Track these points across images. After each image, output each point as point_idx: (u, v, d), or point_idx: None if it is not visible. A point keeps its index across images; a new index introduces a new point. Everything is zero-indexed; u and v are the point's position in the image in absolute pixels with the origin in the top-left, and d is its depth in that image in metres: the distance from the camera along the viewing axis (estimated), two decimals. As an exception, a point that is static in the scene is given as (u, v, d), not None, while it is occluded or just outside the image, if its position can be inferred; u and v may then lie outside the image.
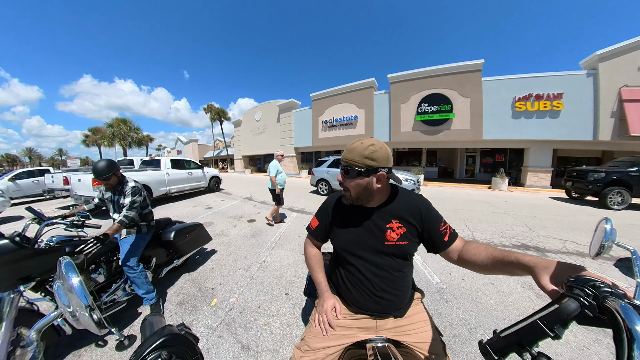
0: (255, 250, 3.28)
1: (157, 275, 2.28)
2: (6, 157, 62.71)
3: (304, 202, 6.85)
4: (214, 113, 28.59)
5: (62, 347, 1.62)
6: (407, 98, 12.59)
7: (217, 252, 3.26)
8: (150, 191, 6.99)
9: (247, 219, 5.06)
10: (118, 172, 1.99)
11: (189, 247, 2.61)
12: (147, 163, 8.48)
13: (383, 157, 0.78)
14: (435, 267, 2.70)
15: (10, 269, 1.32)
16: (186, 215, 5.65)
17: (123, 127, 29.66)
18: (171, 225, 2.66)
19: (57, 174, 7.52)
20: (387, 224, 0.85)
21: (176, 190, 8.04)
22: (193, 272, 2.73)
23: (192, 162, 9.22)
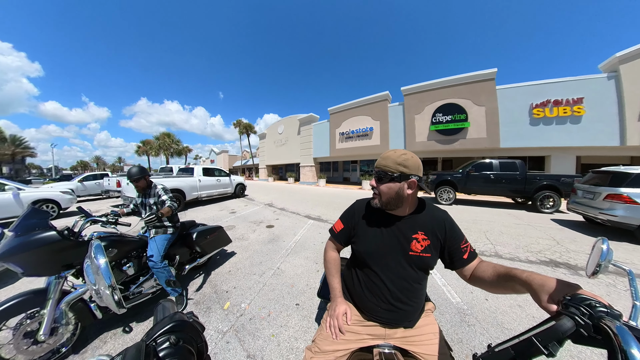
0: (271, 256, 3.17)
1: (180, 272, 2.31)
2: (80, 163, 76.45)
3: (321, 209, 6.66)
4: (242, 127, 30.03)
5: (92, 332, 1.70)
6: (421, 109, 12.14)
7: (235, 255, 3.21)
8: (184, 195, 7.27)
9: (266, 224, 5.00)
10: (147, 176, 2.13)
11: (210, 248, 2.64)
12: (183, 170, 8.93)
13: (414, 165, 0.79)
14: (455, 285, 2.34)
15: (56, 256, 1.45)
16: (212, 218, 5.75)
17: (167, 139, 32.58)
18: (195, 227, 2.72)
19: (113, 178, 8.28)
20: (413, 234, 0.82)
21: (206, 195, 8.32)
22: (212, 273, 2.69)
23: (221, 171, 9.52)
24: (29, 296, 1.41)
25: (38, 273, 1.40)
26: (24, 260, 1.34)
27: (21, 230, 1.38)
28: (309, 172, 18.96)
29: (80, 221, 1.75)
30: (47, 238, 1.42)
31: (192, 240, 2.43)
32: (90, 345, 1.59)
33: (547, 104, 9.38)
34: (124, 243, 1.91)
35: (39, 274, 1.40)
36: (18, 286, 2.52)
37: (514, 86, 10.05)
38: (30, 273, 1.37)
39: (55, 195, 6.28)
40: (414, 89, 12.29)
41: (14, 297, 1.38)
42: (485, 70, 10.38)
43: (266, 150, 25.58)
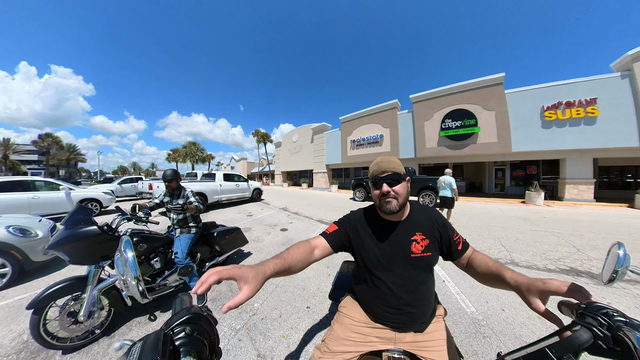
0: (284, 257, 3.14)
1: (201, 268, 2.39)
2: (120, 168, 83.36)
3: (333, 214, 6.56)
4: (260, 136, 30.84)
5: (121, 318, 1.80)
6: (430, 115, 11.78)
7: (251, 256, 3.22)
8: (206, 198, 7.55)
9: (280, 227, 5.00)
10: (179, 179, 2.29)
11: (228, 247, 2.71)
12: (206, 176, 9.33)
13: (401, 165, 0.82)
14: (470, 293, 2.15)
15: (96, 248, 1.58)
16: (230, 220, 5.86)
17: (193, 148, 34.46)
18: (215, 228, 2.81)
19: (146, 181, 8.86)
20: (411, 236, 0.81)
21: (226, 199, 8.57)
22: None
23: (240, 176, 9.81)
24: (74, 281, 1.54)
25: (81, 262, 1.53)
26: (70, 250, 1.48)
27: (69, 224, 1.53)
28: (322, 178, 18.94)
29: (117, 218, 1.89)
30: (89, 232, 1.55)
31: (212, 239, 2.52)
32: (119, 330, 1.69)
33: (558, 106, 8.72)
34: (153, 239, 2.04)
35: (81, 262, 1.53)
36: (64, 272, 2.76)
37: (523, 90, 9.47)
38: (75, 261, 1.50)
39: (98, 195, 6.92)
40: (422, 97, 12.00)
41: (63, 280, 1.52)
42: (493, 75, 9.90)
43: (281, 157, 25.98)
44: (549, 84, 8.96)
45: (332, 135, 18.18)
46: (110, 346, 1.53)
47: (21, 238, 2.55)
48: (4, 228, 2.50)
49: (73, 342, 1.49)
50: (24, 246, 2.53)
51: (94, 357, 1.45)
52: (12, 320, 1.85)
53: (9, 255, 2.42)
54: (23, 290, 2.38)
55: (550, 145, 9.02)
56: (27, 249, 2.54)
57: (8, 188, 5.21)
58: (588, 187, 8.78)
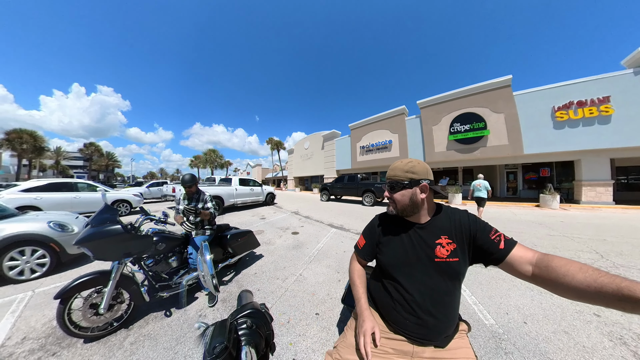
0: (294, 262, 3.05)
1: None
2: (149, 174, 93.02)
3: (344, 219, 6.39)
4: (274, 144, 31.40)
5: (139, 313, 1.83)
6: (438, 120, 11.38)
7: (262, 258, 3.17)
8: (223, 201, 7.72)
9: (292, 231, 4.93)
10: (197, 183, 2.34)
11: (240, 250, 2.68)
12: (223, 180, 9.54)
13: (422, 170, 0.76)
14: (488, 304, 1.93)
15: (119, 245, 1.62)
16: (244, 222, 5.88)
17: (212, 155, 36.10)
18: (229, 230, 2.81)
19: (170, 185, 9.28)
20: (436, 239, 0.73)
21: (241, 202, 8.72)
22: (239, 273, 2.68)
23: (255, 181, 9.96)
24: (98, 275, 1.59)
25: (104, 258, 1.57)
26: (94, 246, 1.51)
27: (95, 223, 1.57)
28: None
29: (141, 218, 1.94)
30: (113, 230, 1.59)
31: (225, 241, 2.52)
32: (136, 323, 1.71)
33: (570, 105, 8.09)
34: (171, 239, 2.08)
35: (104, 258, 1.57)
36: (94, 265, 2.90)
37: (532, 91, 8.91)
38: (99, 257, 1.54)
39: (129, 197, 7.44)
40: (430, 102, 11.66)
41: (88, 274, 1.58)
42: (500, 78, 9.43)
43: (294, 163, 26.18)
44: (559, 84, 8.39)
45: (342, 141, 18.10)
46: (126, 338, 1.57)
47: (60, 232, 2.75)
48: (46, 223, 2.73)
49: (93, 332, 1.54)
50: (62, 240, 2.73)
51: (110, 348, 1.48)
52: (45, 306, 1.96)
53: (48, 247, 2.63)
54: (59, 279, 2.53)
55: (564, 146, 8.37)
56: (64, 242, 2.74)
57: (56, 188, 5.79)
58: (606, 188, 8.01)
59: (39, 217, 2.94)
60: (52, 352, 1.44)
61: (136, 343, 1.52)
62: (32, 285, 2.36)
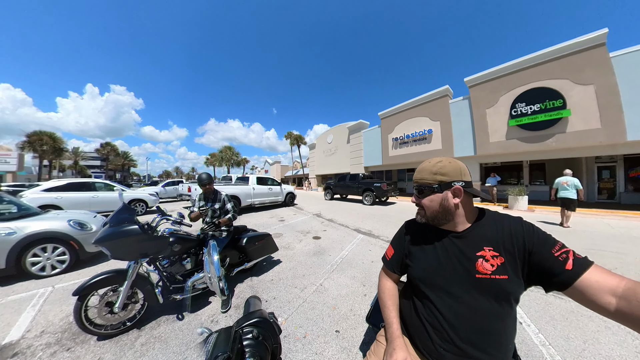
0: (315, 270, 3.05)
1: (229, 273, 2.53)
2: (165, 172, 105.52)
3: (372, 223, 6.20)
4: (293, 139, 32.23)
5: (152, 314, 2.00)
6: (493, 101, 10.14)
7: (280, 264, 3.24)
8: (239, 201, 8.20)
9: (313, 235, 4.97)
10: (213, 182, 2.52)
11: (257, 254, 2.80)
12: (240, 179, 10.12)
13: (454, 170, 0.72)
14: (563, 349, 1.54)
15: (135, 246, 1.80)
16: (262, 224, 6.11)
17: (228, 152, 38.68)
18: (246, 232, 2.95)
19: (185, 184, 10.22)
20: (477, 251, 0.68)
21: (258, 202, 9.13)
22: (255, 279, 2.78)
23: (273, 180, 10.37)
24: (114, 274, 1.78)
25: (121, 257, 1.75)
26: (112, 246, 1.70)
27: (113, 222, 1.76)
28: None
29: (158, 218, 2.13)
30: (131, 230, 1.76)
31: (242, 244, 2.65)
32: (148, 325, 1.89)
33: None
34: (186, 240, 2.25)
35: (121, 258, 1.75)
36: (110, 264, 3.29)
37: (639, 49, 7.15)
38: (116, 257, 1.73)
39: (145, 196, 8.41)
40: (482, 78, 10.41)
41: (105, 272, 1.78)
42: (590, 35, 7.63)
43: (316, 160, 26.46)
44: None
45: (371, 133, 17.64)
46: (137, 339, 1.73)
47: (79, 231, 3.21)
48: (66, 221, 3.20)
49: (107, 330, 1.74)
50: (81, 238, 3.18)
51: (122, 347, 1.64)
52: (63, 302, 2.28)
53: (68, 245, 3.08)
54: (77, 276, 2.95)
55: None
56: (82, 241, 3.19)
57: (75, 188, 6.85)
58: None
59: (59, 215, 3.46)
60: (67, 347, 1.65)
61: (147, 344, 1.67)
62: (52, 281, 2.78)
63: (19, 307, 2.17)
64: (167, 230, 2.21)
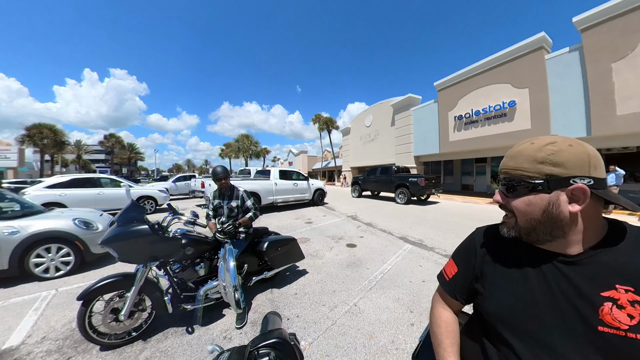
0: (348, 285, 3.05)
1: (246, 282, 2.67)
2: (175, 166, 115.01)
3: (425, 230, 5.93)
4: (322, 123, 32.51)
5: (159, 325, 2.17)
6: (627, 48, 8.10)
7: (305, 275, 3.34)
8: (259, 199, 8.62)
9: (347, 242, 4.99)
10: (230, 176, 2.65)
11: (279, 262, 2.91)
12: (260, 173, 10.67)
13: (575, 159, 0.57)
14: None
15: (145, 248, 1.97)
16: (286, 227, 6.34)
17: (245, 141, 40.58)
18: (267, 236, 3.09)
19: (199, 179, 11.07)
20: (604, 289, 0.56)
21: (281, 200, 9.51)
22: (276, 291, 2.89)
23: (299, 174, 10.70)
24: (121, 278, 1.98)
25: (129, 260, 1.93)
26: (119, 247, 1.89)
27: (121, 222, 1.96)
28: None
29: (169, 217, 2.32)
30: (140, 231, 1.94)
31: (262, 249, 2.77)
32: (155, 336, 2.05)
33: None
34: (201, 243, 2.43)
35: (130, 260, 1.95)
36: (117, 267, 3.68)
37: None
38: (123, 259, 1.92)
39: (154, 193, 9.39)
40: (602, 14, 8.43)
41: (111, 276, 1.98)
42: None
43: (351, 148, 26.28)
44: None
45: (424, 112, 16.70)
46: (142, 352, 1.88)
47: (84, 230, 3.68)
48: (71, 220, 3.68)
49: (111, 339, 1.95)
50: (86, 238, 3.64)
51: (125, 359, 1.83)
52: (67, 307, 2.63)
53: (73, 245, 3.54)
54: (82, 279, 3.38)
55: None
56: (88, 241, 3.64)
57: (79, 184, 7.88)
58: None
59: (64, 214, 3.97)
60: (68, 355, 1.89)
61: (152, 359, 1.83)
62: (55, 284, 3.21)
63: (21, 311, 2.55)
64: (179, 231, 2.39)
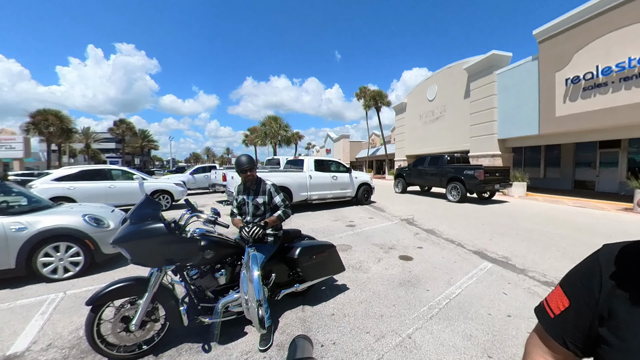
0: (400, 309, 2.98)
1: (274, 295, 2.75)
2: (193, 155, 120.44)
3: (513, 244, 5.49)
4: (369, 98, 31.79)
5: (173, 338, 2.33)
6: None
7: (346, 292, 3.35)
8: (290, 195, 8.77)
9: (400, 253, 4.91)
10: (256, 168, 2.74)
11: (313, 273, 2.95)
12: (292, 163, 10.91)
13: None
14: None
15: (160, 249, 2.09)
16: (322, 230, 6.42)
17: (274, 125, 41.73)
18: (299, 240, 3.14)
19: (220, 171, 11.75)
20: None
21: (317, 197, 9.63)
22: (308, 309, 2.95)
23: (339, 164, 10.77)
24: (133, 283, 2.16)
25: (142, 262, 2.12)
26: (132, 248, 2.06)
27: (135, 219, 2.12)
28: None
29: (187, 215, 2.47)
30: (155, 230, 2.07)
31: (293, 257, 2.81)
32: (167, 352, 2.19)
33: None
34: (222, 246, 2.55)
35: (143, 263, 2.12)
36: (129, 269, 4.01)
37: None
38: (136, 261, 2.08)
39: (170, 186, 10.13)
40: None
41: (123, 280, 2.16)
42: None
43: (406, 131, 25.63)
44: None
45: (514, 75, 15.26)
46: None
47: (95, 228, 4.08)
48: (80, 216, 4.09)
49: (119, 352, 2.14)
50: (97, 236, 4.02)
51: None
52: (74, 312, 2.94)
53: (83, 244, 3.92)
54: (91, 281, 3.76)
55: None
56: (99, 240, 4.02)
57: (89, 177, 8.73)
58: None
59: (73, 209, 4.39)
60: None
61: None
62: (63, 286, 3.58)
63: (27, 314, 2.90)
64: (197, 231, 2.51)
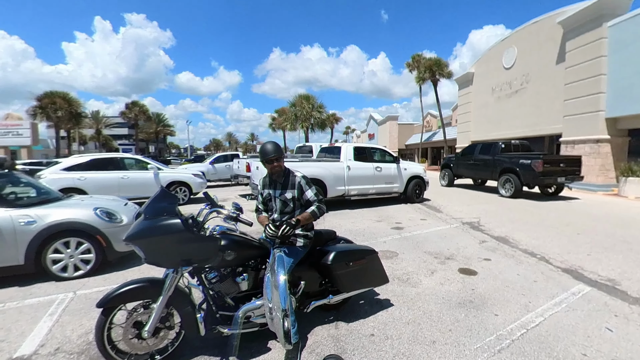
0: (458, 336, 2.94)
1: (302, 307, 2.83)
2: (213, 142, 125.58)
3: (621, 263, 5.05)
4: (424, 69, 30.84)
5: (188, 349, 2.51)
6: None
7: (389, 309, 3.38)
8: (325, 189, 8.88)
9: (461, 265, 4.86)
10: (284, 157, 2.87)
11: (350, 283, 2.99)
12: (327, 151, 11.00)
13: None
14: None
15: (176, 248, 2.23)
16: (362, 232, 6.47)
17: (305, 105, 41.62)
18: (334, 243, 3.21)
19: (243, 160, 12.24)
20: None
21: (357, 193, 9.70)
22: (343, 325, 3.03)
23: (384, 153, 10.84)
24: (147, 284, 2.32)
25: (157, 262, 2.27)
26: (147, 245, 2.18)
27: (150, 213, 2.26)
28: (591, 159, 15.93)
29: (206, 210, 2.62)
30: (171, 226, 2.19)
31: (326, 262, 2.87)
32: None
33: None
34: (245, 246, 2.68)
35: (157, 263, 2.29)
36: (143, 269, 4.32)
37: None
38: (150, 261, 2.25)
39: (187, 177, 10.74)
40: None
41: (136, 281, 2.35)
42: None
43: (473, 109, 25.09)
44: None
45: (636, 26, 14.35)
46: None
47: (107, 222, 4.39)
48: (92, 210, 4.41)
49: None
50: (109, 232, 4.33)
51: None
52: (85, 314, 3.21)
53: (94, 241, 4.24)
54: (102, 282, 4.09)
55: None
56: (111, 236, 4.33)
57: (101, 166, 9.38)
58: None
59: (84, 202, 4.77)
60: None
61: None
62: (73, 286, 3.91)
63: (36, 314, 3.22)
64: (217, 229, 2.64)
